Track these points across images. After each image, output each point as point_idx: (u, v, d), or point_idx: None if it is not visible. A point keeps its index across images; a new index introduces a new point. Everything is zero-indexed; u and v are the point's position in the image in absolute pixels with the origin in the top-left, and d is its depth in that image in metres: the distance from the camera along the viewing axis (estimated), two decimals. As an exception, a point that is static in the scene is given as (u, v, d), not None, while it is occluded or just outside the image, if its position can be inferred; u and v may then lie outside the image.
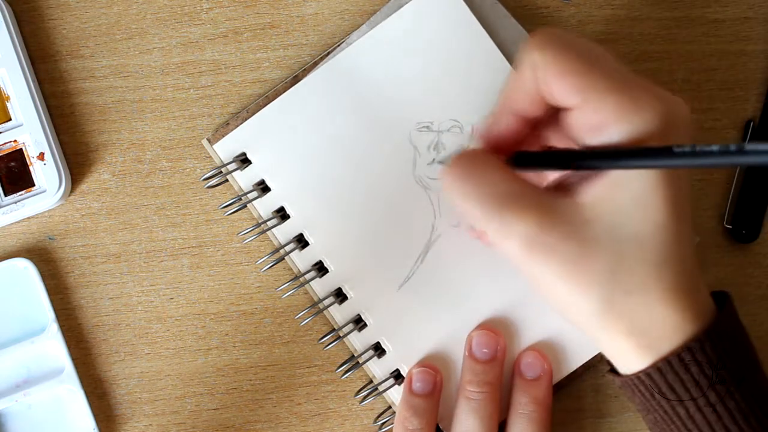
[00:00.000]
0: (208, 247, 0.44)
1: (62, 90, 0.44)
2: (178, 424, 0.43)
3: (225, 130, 0.43)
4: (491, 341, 0.41)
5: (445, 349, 0.42)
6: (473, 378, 0.40)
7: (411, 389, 0.41)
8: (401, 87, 0.42)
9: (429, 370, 0.41)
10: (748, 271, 0.44)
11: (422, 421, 0.40)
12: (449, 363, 0.42)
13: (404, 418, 0.41)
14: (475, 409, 0.40)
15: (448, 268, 0.42)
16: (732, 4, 0.44)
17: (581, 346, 0.42)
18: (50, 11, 0.44)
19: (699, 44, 0.45)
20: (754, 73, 0.45)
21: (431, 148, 0.42)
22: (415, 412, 0.40)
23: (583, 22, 0.44)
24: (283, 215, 0.43)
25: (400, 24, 0.42)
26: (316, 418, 0.44)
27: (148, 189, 0.44)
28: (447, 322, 0.42)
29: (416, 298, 0.42)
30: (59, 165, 0.42)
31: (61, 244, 0.43)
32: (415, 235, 0.42)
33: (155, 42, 0.44)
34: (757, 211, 0.43)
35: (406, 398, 0.41)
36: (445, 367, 0.42)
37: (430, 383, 0.41)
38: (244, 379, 0.44)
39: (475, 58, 0.42)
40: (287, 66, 0.44)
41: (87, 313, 0.43)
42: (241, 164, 0.43)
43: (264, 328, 0.44)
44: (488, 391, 0.40)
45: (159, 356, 0.43)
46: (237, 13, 0.44)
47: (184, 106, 0.44)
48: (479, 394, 0.40)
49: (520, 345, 0.42)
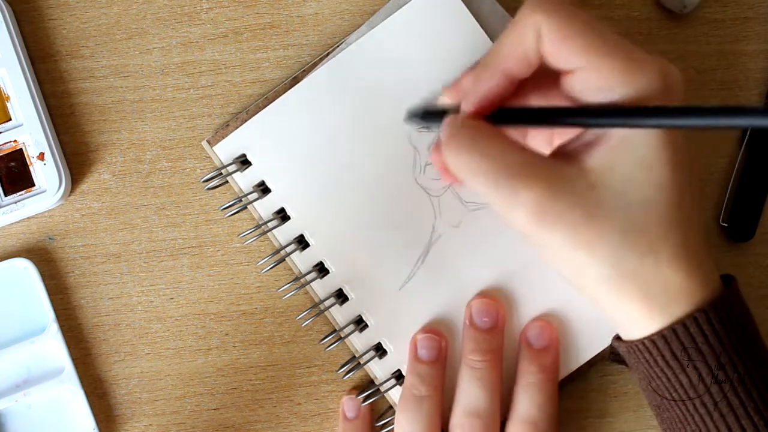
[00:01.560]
0: (208, 247, 0.44)
1: (62, 90, 0.44)
2: (178, 424, 0.43)
3: (225, 132, 0.43)
4: (491, 309, 0.41)
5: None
6: (475, 347, 0.40)
7: (416, 356, 0.41)
8: (400, 87, 0.42)
9: (433, 335, 0.41)
10: (748, 270, 0.44)
11: (429, 388, 0.40)
12: (450, 363, 0.42)
13: (411, 384, 0.41)
14: (479, 378, 0.40)
15: (448, 268, 0.42)
16: (732, 4, 0.44)
17: (583, 345, 0.42)
18: (50, 11, 0.44)
19: (699, 44, 0.45)
20: (754, 73, 0.45)
21: (431, 149, 0.42)
22: (422, 380, 0.40)
23: (583, 22, 0.44)
24: (284, 216, 0.43)
25: (399, 25, 0.42)
26: (316, 418, 0.44)
27: (148, 189, 0.44)
28: (448, 322, 0.42)
29: (417, 298, 0.42)
30: (59, 165, 0.42)
31: (61, 244, 0.43)
32: (416, 236, 0.42)
33: (155, 42, 0.44)
34: (754, 209, 0.44)
35: (412, 365, 0.41)
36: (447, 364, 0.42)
37: (434, 349, 0.41)
38: (244, 379, 0.44)
39: (474, 59, 0.42)
40: (287, 66, 0.44)
41: (87, 313, 0.43)
42: (241, 166, 0.43)
43: (264, 328, 0.44)
44: (491, 359, 0.40)
45: (159, 356, 0.43)
46: (237, 13, 0.44)
47: (184, 106, 0.44)
48: (482, 363, 0.40)
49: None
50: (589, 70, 0.31)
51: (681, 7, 0.43)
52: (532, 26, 0.31)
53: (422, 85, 0.42)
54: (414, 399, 0.40)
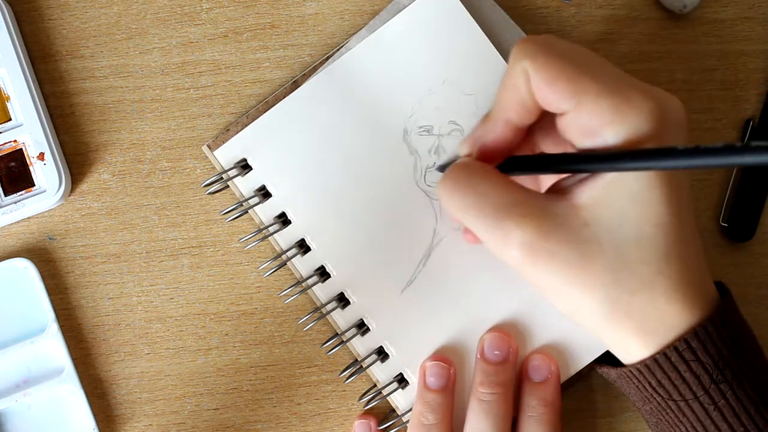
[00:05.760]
0: (208, 247, 0.44)
1: (62, 90, 0.44)
2: (178, 424, 0.43)
3: (225, 136, 0.43)
4: (503, 343, 0.41)
5: (447, 353, 0.42)
6: (485, 379, 0.40)
7: (425, 384, 0.41)
8: (401, 91, 0.42)
9: (442, 363, 0.41)
10: (748, 270, 0.44)
11: (437, 416, 0.40)
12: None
13: (419, 413, 0.41)
14: (487, 411, 0.40)
15: (449, 271, 0.42)
16: (732, 4, 0.44)
17: (585, 347, 0.41)
18: (50, 11, 0.44)
19: (699, 44, 0.45)
20: (754, 73, 0.45)
21: (432, 152, 0.42)
22: (430, 408, 0.40)
23: (583, 22, 0.44)
24: (285, 221, 0.43)
25: (399, 28, 0.42)
26: (316, 418, 0.44)
27: (148, 189, 0.44)
28: (449, 325, 0.42)
29: (419, 301, 0.42)
30: (59, 165, 0.42)
31: (61, 244, 0.43)
32: (417, 239, 0.42)
33: (155, 42, 0.44)
34: (754, 209, 0.44)
35: (421, 393, 0.41)
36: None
37: (443, 377, 0.41)
38: (244, 379, 0.44)
39: (475, 61, 0.42)
40: (287, 66, 0.44)
41: (87, 313, 0.43)
42: (241, 170, 0.43)
43: (264, 328, 0.44)
44: (500, 392, 0.40)
45: (159, 356, 0.43)
46: (237, 13, 0.44)
47: (184, 106, 0.44)
48: (491, 396, 0.40)
49: (524, 346, 0.42)
50: (577, 112, 0.30)
51: (681, 7, 0.43)
52: (522, 73, 0.31)
53: (423, 88, 0.42)
54: (423, 428, 0.40)
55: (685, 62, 0.44)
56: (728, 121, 0.44)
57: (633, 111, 0.29)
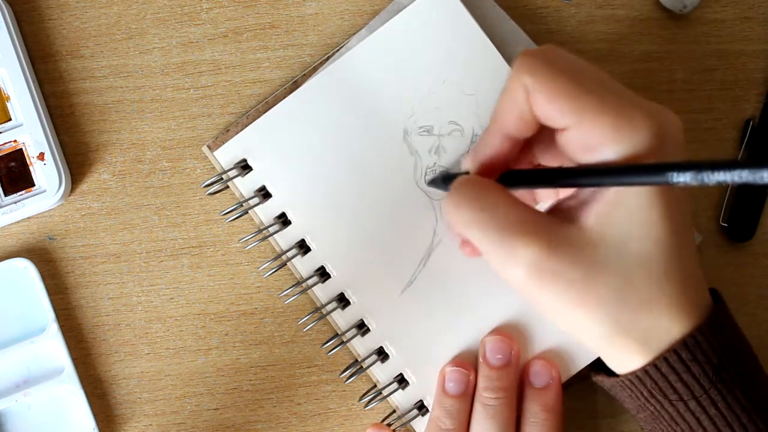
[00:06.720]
0: (208, 247, 0.44)
1: (62, 90, 0.44)
2: (178, 424, 0.43)
3: (225, 137, 0.43)
4: (505, 346, 0.41)
5: (447, 354, 0.42)
6: (489, 384, 0.40)
7: (444, 389, 0.41)
8: (401, 91, 0.42)
9: (462, 369, 0.41)
10: (748, 270, 0.44)
11: (455, 422, 0.40)
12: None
13: (437, 417, 0.41)
14: (492, 415, 0.39)
15: (449, 272, 0.42)
16: (732, 4, 0.44)
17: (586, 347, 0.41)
18: (50, 11, 0.44)
19: (699, 44, 0.45)
20: (754, 73, 0.45)
21: (432, 152, 0.42)
22: (448, 413, 0.40)
23: (583, 22, 0.44)
24: (285, 221, 0.43)
25: (399, 28, 0.42)
26: (316, 418, 0.44)
27: (148, 189, 0.44)
28: (450, 325, 0.42)
29: (419, 302, 0.42)
30: (59, 165, 0.42)
31: (61, 244, 0.43)
32: (417, 240, 0.42)
33: (155, 42, 0.44)
34: (754, 209, 0.44)
35: (439, 398, 0.41)
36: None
37: (462, 383, 0.41)
38: (244, 379, 0.44)
39: (475, 61, 0.42)
40: (287, 66, 0.44)
41: (87, 313, 0.43)
42: (242, 171, 0.43)
43: (264, 328, 0.44)
44: (504, 396, 0.40)
45: (159, 356, 0.43)
46: (237, 13, 0.44)
47: (184, 106, 0.44)
48: (496, 400, 0.40)
49: (525, 346, 0.42)
50: (577, 128, 0.30)
51: (681, 7, 0.43)
52: (522, 88, 0.31)
53: (423, 88, 0.42)
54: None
55: (685, 62, 0.44)
56: (728, 121, 0.44)
57: (634, 130, 0.29)
